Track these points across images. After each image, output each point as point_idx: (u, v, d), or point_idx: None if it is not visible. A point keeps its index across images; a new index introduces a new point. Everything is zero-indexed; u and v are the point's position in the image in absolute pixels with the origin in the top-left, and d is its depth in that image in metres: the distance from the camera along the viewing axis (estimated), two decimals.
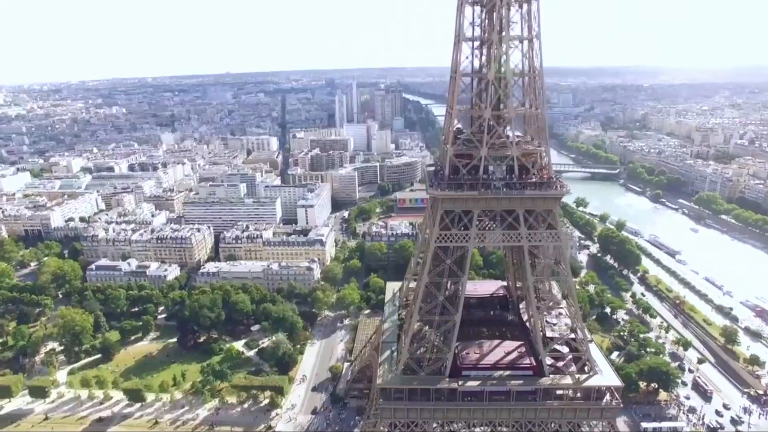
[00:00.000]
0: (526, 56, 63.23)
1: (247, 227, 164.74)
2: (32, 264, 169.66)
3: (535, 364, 66.48)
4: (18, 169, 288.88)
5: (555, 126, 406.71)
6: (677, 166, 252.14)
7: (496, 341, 72.18)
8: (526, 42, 62.59)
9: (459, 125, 69.97)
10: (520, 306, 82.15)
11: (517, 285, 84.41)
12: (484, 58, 65.80)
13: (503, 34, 60.30)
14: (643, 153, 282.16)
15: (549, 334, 71.05)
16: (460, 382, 64.96)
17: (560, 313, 76.50)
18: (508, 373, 65.85)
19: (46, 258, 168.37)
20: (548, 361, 66.88)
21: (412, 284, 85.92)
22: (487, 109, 62.03)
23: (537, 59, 63.48)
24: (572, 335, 69.63)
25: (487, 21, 63.58)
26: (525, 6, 61.32)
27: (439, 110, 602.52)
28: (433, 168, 74.99)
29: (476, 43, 65.34)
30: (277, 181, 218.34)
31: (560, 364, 67.35)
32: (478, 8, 63.41)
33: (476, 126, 63.36)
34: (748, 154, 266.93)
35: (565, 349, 69.43)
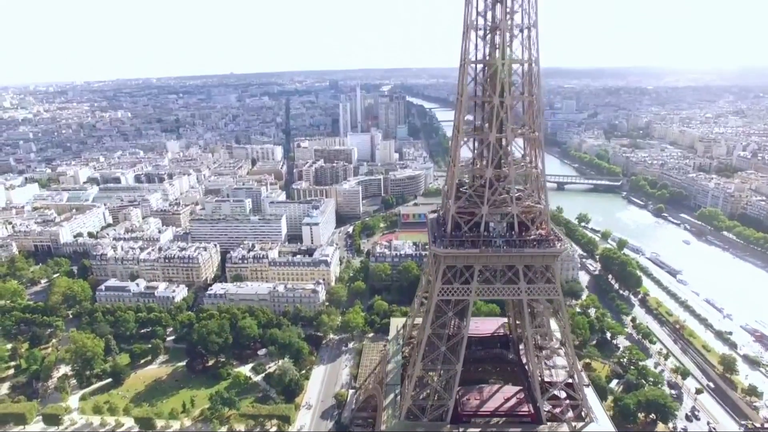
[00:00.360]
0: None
1: (253, 246, 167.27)
2: (42, 281, 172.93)
3: (533, 411, 68.79)
4: (26, 179, 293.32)
5: (558, 134, 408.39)
6: (680, 179, 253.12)
7: (496, 386, 74.62)
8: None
9: (464, 176, 72.10)
10: (521, 346, 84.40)
11: (517, 322, 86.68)
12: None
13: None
14: (645, 164, 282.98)
15: (547, 378, 73.34)
16: (461, 430, 67.34)
17: (559, 354, 78.69)
18: (507, 420, 68.21)
19: (56, 275, 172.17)
20: (546, 407, 69.18)
21: (418, 320, 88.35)
22: (489, 169, 64.19)
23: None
24: (570, 380, 71.84)
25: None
26: None
27: (442, 115, 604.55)
28: (435, 215, 77.32)
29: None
30: (282, 196, 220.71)
31: (558, 410, 69.62)
32: None
33: (478, 183, 65.58)
34: (750, 167, 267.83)
35: (562, 394, 71.73)
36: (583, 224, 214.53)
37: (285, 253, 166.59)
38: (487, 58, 66.16)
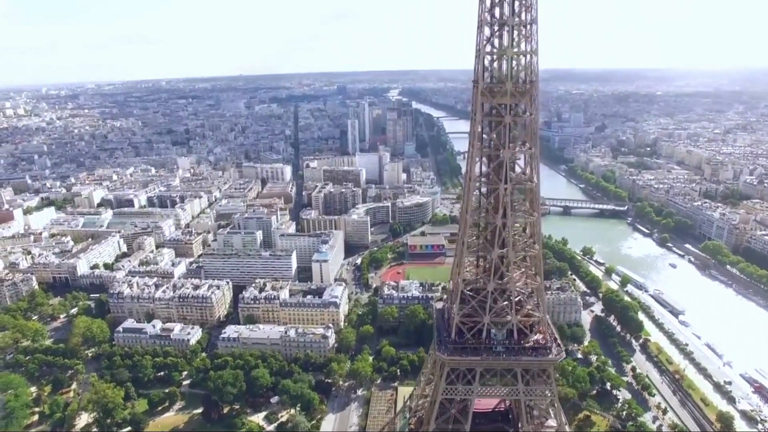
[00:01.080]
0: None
1: (265, 285, 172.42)
2: (61, 316, 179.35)
3: None
4: (42, 199, 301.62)
5: (566, 150, 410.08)
6: (685, 207, 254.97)
7: None
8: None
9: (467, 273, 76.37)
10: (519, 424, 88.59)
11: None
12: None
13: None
14: (651, 189, 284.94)
15: None
16: None
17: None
18: None
19: (74, 309, 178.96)
20: None
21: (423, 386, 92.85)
22: (491, 283, 68.38)
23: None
24: None
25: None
26: None
27: (449, 125, 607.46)
28: (441, 304, 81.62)
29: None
30: (292, 227, 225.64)
31: None
32: None
33: (481, 296, 69.79)
34: (757, 194, 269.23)
35: None
36: (587, 257, 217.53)
37: (296, 293, 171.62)
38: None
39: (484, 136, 71.89)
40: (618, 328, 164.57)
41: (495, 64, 69.17)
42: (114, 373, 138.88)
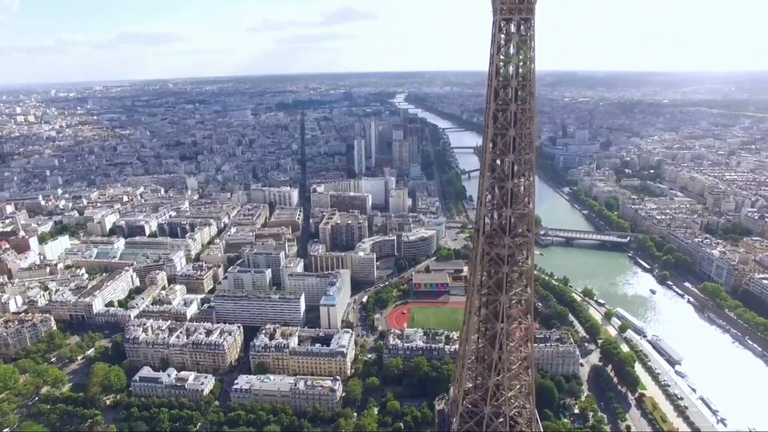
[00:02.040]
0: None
1: (274, 331, 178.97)
2: (79, 358, 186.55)
3: None
4: (56, 223, 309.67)
5: (570, 173, 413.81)
6: (686, 243, 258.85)
7: None
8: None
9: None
10: None
11: None
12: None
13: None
14: (653, 221, 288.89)
15: None
16: None
17: None
18: None
19: (91, 351, 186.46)
20: None
21: None
22: (487, 407, 74.07)
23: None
24: None
25: None
26: None
27: (455, 138, 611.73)
28: (442, 406, 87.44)
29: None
30: (300, 266, 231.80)
31: None
32: None
33: (477, 418, 75.48)
34: (757, 229, 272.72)
35: None
36: (587, 298, 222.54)
37: (304, 339, 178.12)
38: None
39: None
40: (615, 380, 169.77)
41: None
42: (132, 426, 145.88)
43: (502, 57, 61.88)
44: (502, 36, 61.67)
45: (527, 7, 59.93)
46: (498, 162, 66.19)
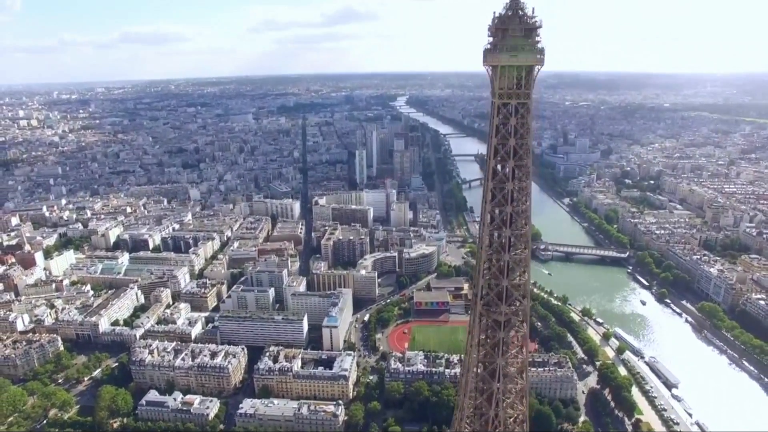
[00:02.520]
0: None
1: (278, 354, 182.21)
2: (86, 379, 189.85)
3: None
4: (60, 236, 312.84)
5: (571, 183, 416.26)
6: (684, 260, 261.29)
7: None
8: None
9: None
10: None
11: None
12: None
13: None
14: (652, 236, 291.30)
15: None
16: None
17: None
18: None
19: (97, 371, 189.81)
20: None
21: None
22: None
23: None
24: None
25: None
26: None
27: (456, 145, 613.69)
28: None
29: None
30: (303, 285, 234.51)
31: None
32: None
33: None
34: (756, 246, 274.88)
35: None
36: (586, 318, 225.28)
37: (307, 362, 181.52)
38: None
39: None
40: (612, 404, 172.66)
41: None
42: None
43: (499, 138, 64.74)
44: (499, 117, 64.50)
45: (524, 93, 62.76)
46: (495, 235, 69.22)
